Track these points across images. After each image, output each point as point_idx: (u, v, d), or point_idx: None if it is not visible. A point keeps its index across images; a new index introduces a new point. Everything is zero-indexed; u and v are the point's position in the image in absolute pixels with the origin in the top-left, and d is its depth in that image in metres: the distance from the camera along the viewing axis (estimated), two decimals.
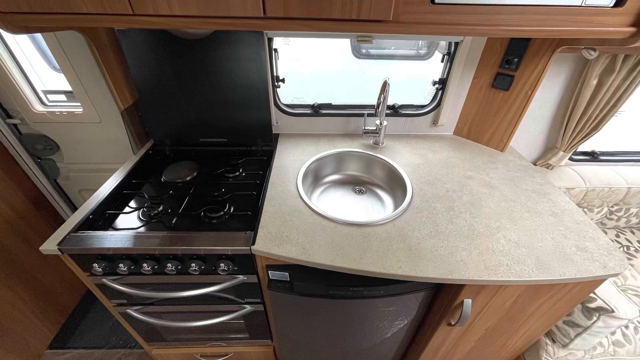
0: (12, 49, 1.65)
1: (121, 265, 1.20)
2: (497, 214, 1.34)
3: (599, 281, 1.18)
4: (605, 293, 1.43)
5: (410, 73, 2.21)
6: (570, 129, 1.82)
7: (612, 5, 0.99)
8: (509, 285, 1.14)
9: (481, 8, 0.99)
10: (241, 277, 1.29)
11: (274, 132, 1.92)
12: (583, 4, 0.99)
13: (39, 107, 1.79)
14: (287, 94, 1.91)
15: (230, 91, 1.65)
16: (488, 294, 1.20)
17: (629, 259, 1.93)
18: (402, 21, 1.01)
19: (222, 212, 1.34)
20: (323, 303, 1.31)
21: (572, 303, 1.29)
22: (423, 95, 1.99)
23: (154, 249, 1.19)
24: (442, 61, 1.78)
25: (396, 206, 1.52)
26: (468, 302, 1.20)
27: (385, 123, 1.78)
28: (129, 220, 1.32)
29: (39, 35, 1.68)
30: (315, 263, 1.12)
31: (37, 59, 1.78)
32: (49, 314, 2.06)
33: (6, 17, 0.97)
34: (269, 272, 1.26)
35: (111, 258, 1.22)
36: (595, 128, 1.79)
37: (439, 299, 1.36)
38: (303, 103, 1.94)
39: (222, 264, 1.22)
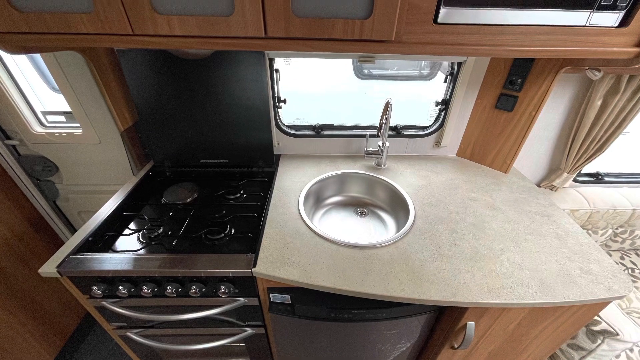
0: (11, 69, 1.67)
1: (121, 287, 1.22)
2: (500, 236, 1.36)
3: (603, 304, 1.19)
4: (610, 316, 1.45)
5: (412, 94, 2.25)
6: (575, 150, 1.84)
7: (616, 25, 1.02)
8: (512, 308, 1.16)
9: (484, 28, 1.02)
10: (242, 300, 1.31)
11: (275, 153, 1.95)
12: (587, 24, 1.01)
13: (37, 128, 1.81)
14: (288, 115, 1.94)
15: (231, 112, 1.68)
16: (491, 316, 1.21)
17: (634, 282, 1.94)
18: (404, 41, 1.04)
19: (223, 234, 1.36)
20: (325, 326, 1.32)
21: (576, 326, 1.30)
22: (426, 116, 2.02)
23: (154, 272, 1.20)
24: (445, 82, 1.81)
25: (399, 228, 1.54)
26: (471, 325, 1.22)
27: (387, 144, 1.81)
28: (129, 242, 1.34)
29: (37, 56, 1.71)
30: (317, 286, 1.14)
31: (36, 79, 1.80)
32: (48, 337, 2.05)
33: (5, 37, 1.00)
34: (270, 294, 1.27)
35: (111, 280, 1.24)
36: (600, 149, 1.82)
37: (442, 321, 1.37)
38: (304, 124, 1.97)
39: (222, 287, 1.23)
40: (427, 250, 1.29)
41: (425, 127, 1.97)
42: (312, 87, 2.35)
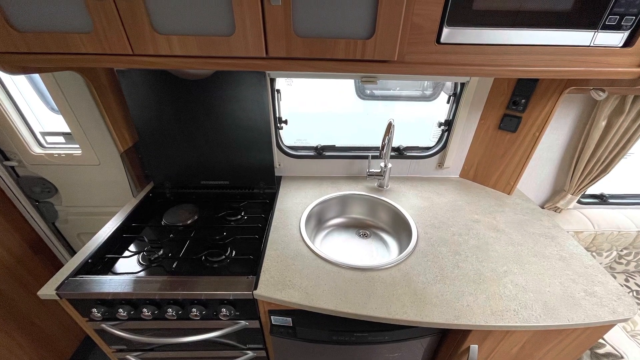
0: (10, 89, 1.69)
1: (121, 310, 1.24)
2: (504, 258, 1.38)
3: (608, 326, 1.21)
4: (615, 338, 1.45)
5: (415, 114, 2.27)
6: (579, 171, 1.86)
7: (621, 45, 1.04)
8: (516, 330, 1.18)
9: (487, 48, 1.04)
10: (243, 323, 1.32)
11: (276, 174, 1.98)
12: (591, 44, 1.03)
13: (36, 149, 1.83)
14: (289, 136, 1.97)
15: (231, 133, 1.71)
16: (495, 339, 1.23)
17: (639, 304, 1.94)
18: (407, 61, 1.06)
19: (224, 256, 1.39)
20: (327, 349, 1.32)
21: (580, 349, 1.31)
22: (428, 137, 2.05)
23: (154, 294, 1.22)
24: (447, 102, 1.84)
25: (401, 250, 1.56)
26: (474, 348, 1.24)
27: (390, 165, 1.84)
28: (129, 264, 1.36)
29: (36, 76, 1.74)
30: (319, 308, 1.16)
31: (35, 100, 1.83)
32: None
33: (3, 57, 1.02)
34: (272, 317, 1.29)
35: (110, 303, 1.25)
36: (604, 170, 1.84)
37: (445, 344, 1.39)
38: (306, 145, 2.00)
39: (223, 309, 1.25)
40: (429, 272, 1.31)
41: (428, 148, 2.00)
42: (313, 108, 2.38)
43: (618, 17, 0.98)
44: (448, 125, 1.87)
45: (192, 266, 1.36)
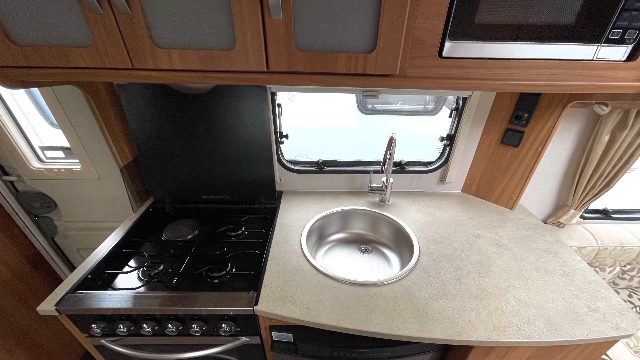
0: (9, 103, 1.71)
1: (120, 326, 1.25)
2: (506, 274, 1.39)
3: (611, 342, 1.21)
4: (618, 355, 1.45)
5: (417, 129, 2.29)
6: (582, 186, 1.87)
7: (624, 59, 1.04)
8: (518, 346, 1.19)
9: (490, 62, 1.04)
10: (244, 339, 1.32)
11: (277, 189, 1.99)
12: (595, 58, 1.04)
13: (36, 164, 1.85)
14: (290, 150, 1.99)
15: (232, 147, 1.72)
16: (497, 355, 1.24)
17: None
18: (408, 75, 1.07)
19: (224, 272, 1.40)
20: None
21: None
22: (430, 151, 2.06)
23: (154, 310, 1.23)
24: (449, 116, 1.86)
25: (403, 265, 1.57)
26: None
27: (391, 180, 1.86)
28: (129, 279, 1.38)
29: (35, 90, 1.76)
30: (320, 324, 1.17)
31: (34, 114, 1.85)
32: None
33: (2, 71, 1.02)
34: (273, 333, 1.30)
35: (110, 319, 1.26)
36: (608, 185, 1.85)
37: None
38: (307, 159, 2.02)
39: (224, 325, 1.26)
40: (431, 287, 1.32)
41: (429, 163, 2.01)
42: (314, 122, 2.39)
43: (621, 30, 0.99)
44: (450, 140, 1.89)
45: (192, 282, 1.37)
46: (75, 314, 1.24)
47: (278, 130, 1.82)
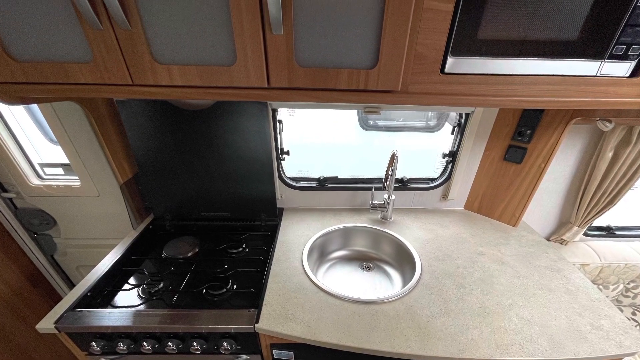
0: (8, 120, 1.73)
1: (120, 344, 1.25)
2: (509, 291, 1.40)
3: None
4: None
5: (419, 145, 2.30)
6: (585, 203, 1.89)
7: (628, 75, 1.05)
8: None
9: (492, 78, 1.05)
10: (244, 357, 1.33)
11: (278, 206, 2.01)
12: (598, 74, 1.04)
13: (35, 181, 1.87)
14: (291, 167, 2.01)
15: (232, 164, 1.74)
16: None
17: None
18: (410, 91, 1.08)
19: (225, 289, 1.41)
20: None
21: None
22: (432, 168, 2.08)
23: (154, 327, 1.24)
24: (452, 133, 1.88)
25: (405, 283, 1.58)
26: None
27: (393, 197, 1.87)
28: (129, 297, 1.39)
29: (35, 106, 1.78)
30: (321, 342, 1.17)
31: (33, 130, 1.86)
32: None
33: (1, 87, 1.03)
34: (274, 351, 1.30)
35: (110, 337, 1.27)
36: (611, 202, 1.86)
37: None
38: (308, 176, 2.04)
39: (224, 343, 1.27)
40: (434, 305, 1.33)
41: (432, 180, 2.03)
42: (316, 139, 2.41)
43: (625, 46, 0.99)
44: (452, 157, 1.91)
45: (192, 299, 1.37)
46: (75, 331, 1.25)
47: (279, 146, 1.83)
